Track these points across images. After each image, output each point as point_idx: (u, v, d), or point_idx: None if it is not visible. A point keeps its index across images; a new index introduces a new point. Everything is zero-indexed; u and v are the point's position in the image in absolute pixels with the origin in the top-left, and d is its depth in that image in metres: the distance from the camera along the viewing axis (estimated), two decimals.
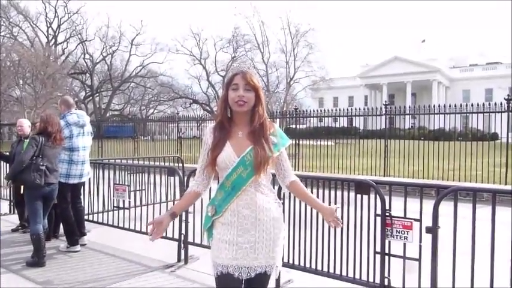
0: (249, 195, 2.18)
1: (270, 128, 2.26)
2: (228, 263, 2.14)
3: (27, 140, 5.15)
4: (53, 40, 44.81)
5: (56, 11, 43.70)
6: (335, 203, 4.05)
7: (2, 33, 39.06)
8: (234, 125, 2.24)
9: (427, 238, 3.41)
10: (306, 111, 15.82)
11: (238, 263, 2.14)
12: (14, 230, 6.40)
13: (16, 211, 6.90)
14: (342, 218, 3.96)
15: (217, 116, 2.28)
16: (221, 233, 2.19)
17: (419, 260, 3.50)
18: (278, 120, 19.49)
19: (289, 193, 4.29)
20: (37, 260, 4.76)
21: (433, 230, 3.37)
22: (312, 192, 4.23)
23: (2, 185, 8.23)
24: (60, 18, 44.19)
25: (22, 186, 4.92)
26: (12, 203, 7.58)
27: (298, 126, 16.55)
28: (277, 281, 4.06)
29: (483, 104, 12.17)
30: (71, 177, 5.39)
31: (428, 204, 3.48)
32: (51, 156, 4.90)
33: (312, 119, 15.59)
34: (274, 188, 2.46)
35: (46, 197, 4.93)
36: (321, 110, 15.48)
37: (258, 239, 2.16)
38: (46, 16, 43.70)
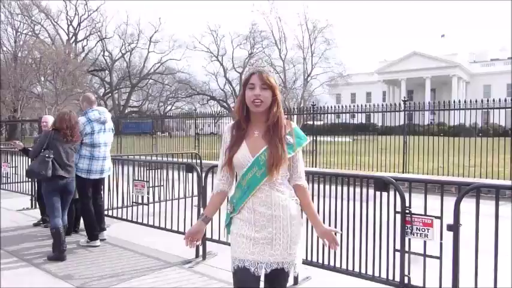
0: (264, 193, 2.19)
1: (287, 127, 2.25)
2: (245, 257, 2.16)
3: None
4: (73, 38, 45.41)
5: (76, 9, 44.30)
6: (353, 200, 4.02)
7: (25, 31, 39.73)
8: (251, 125, 2.26)
9: (448, 236, 3.36)
10: (324, 107, 15.72)
11: (254, 258, 2.15)
12: (35, 225, 6.53)
13: (38, 206, 7.04)
14: (361, 215, 3.92)
15: (235, 115, 2.30)
16: (239, 228, 2.22)
17: (440, 258, 3.45)
18: (295, 116, 19.43)
19: (308, 189, 4.30)
20: (57, 254, 4.84)
21: (454, 228, 3.31)
22: (330, 188, 4.22)
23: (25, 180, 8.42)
24: (81, 16, 44.78)
25: None
26: (34, 198, 7.73)
27: (315, 122, 16.46)
28: (296, 277, 4.05)
29: (505, 100, 11.92)
30: (92, 172, 5.46)
31: (449, 202, 3.42)
32: (61, 151, 4.98)
33: (329, 115, 15.47)
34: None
35: (62, 191, 5.03)
36: (338, 106, 15.36)
37: (275, 235, 2.17)
38: (67, 14, 44.32)
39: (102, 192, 5.90)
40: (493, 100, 11.98)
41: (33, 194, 7.75)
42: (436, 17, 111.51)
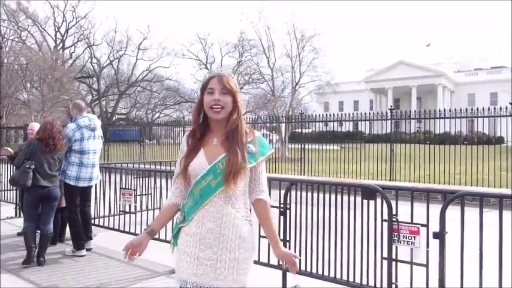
0: (216, 208, 1.98)
1: (249, 135, 2.07)
2: (188, 278, 1.96)
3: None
4: (61, 44, 45.01)
5: (64, 16, 43.92)
6: (341, 208, 4.04)
7: (11, 37, 39.32)
8: (209, 132, 2.08)
9: (435, 243, 3.39)
10: (312, 115, 15.81)
11: (197, 281, 1.94)
12: (20, 234, 6.41)
13: (22, 214, 6.93)
14: (349, 223, 3.94)
15: (192, 123, 2.13)
16: (184, 244, 2.01)
17: (426, 265, 3.48)
18: (284, 124, 19.48)
19: (296, 197, 4.32)
20: (26, 258, 4.92)
21: (440, 235, 3.35)
22: (318, 197, 4.23)
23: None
24: (68, 23, 44.41)
25: None
26: (18, 206, 7.62)
27: (303, 130, 16.53)
28: (284, 286, 4.05)
29: (488, 108, 12.14)
30: (80, 180, 5.41)
31: (435, 209, 3.46)
32: (43, 161, 4.99)
33: (317, 123, 15.56)
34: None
35: (45, 198, 5.05)
36: (326, 115, 15.46)
37: (220, 257, 1.94)
38: (54, 21, 43.92)
39: (90, 201, 5.84)
40: (477, 109, 12.17)
41: (17, 202, 7.64)
42: (421, 26, 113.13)
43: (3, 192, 8.93)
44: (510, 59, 44.08)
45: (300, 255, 4.19)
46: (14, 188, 7.72)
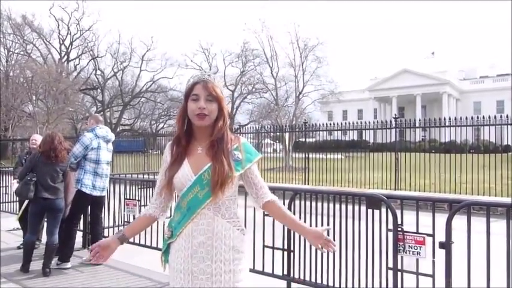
0: (205, 219, 1.91)
1: (235, 142, 2.00)
2: None
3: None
4: (66, 57, 45.42)
5: (68, 29, 44.40)
6: (346, 217, 4.02)
7: (16, 51, 39.75)
8: (194, 140, 2.00)
9: (441, 253, 3.36)
10: (315, 124, 15.82)
11: None
12: (19, 248, 6.29)
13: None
14: (353, 233, 3.91)
15: (176, 131, 2.04)
16: (175, 261, 1.94)
17: (433, 276, 3.44)
18: (287, 134, 19.48)
19: (300, 207, 4.29)
20: (22, 266, 5.08)
21: (446, 246, 3.31)
22: (322, 206, 4.21)
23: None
24: (73, 36, 44.86)
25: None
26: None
27: (307, 139, 16.52)
28: None
29: (494, 116, 12.07)
30: (95, 189, 5.46)
31: (441, 219, 3.43)
32: (44, 173, 5.05)
33: (321, 132, 15.57)
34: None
35: (48, 210, 5.11)
36: (330, 124, 15.46)
37: (215, 270, 1.89)
38: (59, 33, 44.38)
39: (102, 211, 5.88)
40: (483, 117, 12.13)
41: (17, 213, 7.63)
42: (425, 35, 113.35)
43: (9, 203, 8.95)
44: None
45: (305, 266, 4.18)
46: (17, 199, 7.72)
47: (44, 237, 5.63)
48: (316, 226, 4.12)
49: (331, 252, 2.11)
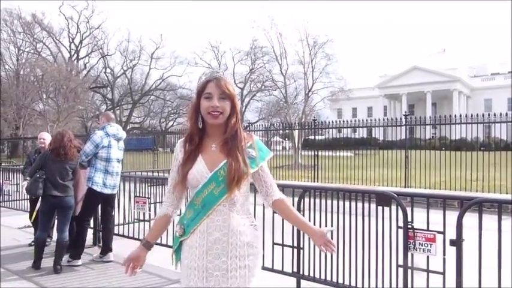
0: (221, 216, 1.92)
1: (248, 139, 2.01)
2: None
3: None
4: (75, 55, 45.72)
5: (78, 27, 44.68)
6: (355, 215, 4.01)
7: (27, 49, 40.10)
8: (206, 137, 2.00)
9: (451, 251, 3.33)
10: (325, 122, 15.76)
11: None
12: (31, 245, 6.33)
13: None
14: (363, 230, 3.90)
15: (188, 128, 2.03)
16: (189, 258, 1.93)
17: (443, 273, 3.42)
18: (297, 131, 19.44)
19: (309, 204, 4.29)
20: (34, 263, 5.14)
21: (457, 243, 3.29)
22: (332, 203, 4.20)
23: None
24: (82, 34, 45.16)
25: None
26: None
27: (316, 137, 16.48)
28: None
29: (506, 114, 11.94)
30: (106, 187, 5.47)
31: (452, 216, 3.41)
32: (54, 170, 5.08)
33: (330, 130, 15.51)
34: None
35: (58, 207, 5.14)
36: (339, 121, 15.39)
37: (231, 266, 1.89)
38: (69, 32, 44.70)
39: (113, 209, 5.91)
40: (494, 114, 12.00)
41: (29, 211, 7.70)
42: (436, 31, 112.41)
43: (20, 201, 9.04)
44: None
45: (314, 263, 4.18)
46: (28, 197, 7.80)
47: (55, 235, 5.68)
48: (326, 224, 4.12)
49: (329, 253, 2.12)
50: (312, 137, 16.46)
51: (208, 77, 1.95)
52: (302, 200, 4.30)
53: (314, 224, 4.21)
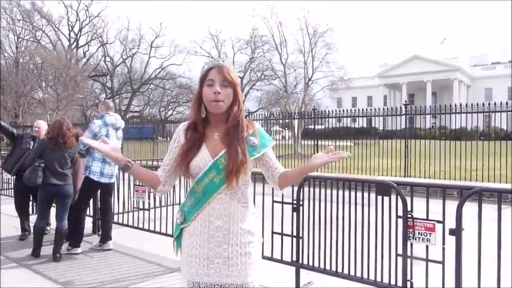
0: (222, 204, 1.92)
1: (250, 128, 2.00)
2: (199, 279, 1.91)
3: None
4: (75, 43, 45.46)
5: (77, 15, 44.34)
6: (355, 204, 4.00)
7: (26, 37, 39.86)
8: (209, 126, 1.99)
9: (451, 240, 3.33)
10: (325, 111, 15.73)
11: (210, 280, 1.90)
12: (21, 239, 6.15)
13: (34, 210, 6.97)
14: (363, 220, 3.90)
15: (190, 115, 2.03)
16: (190, 245, 1.94)
17: (442, 262, 3.43)
18: (296, 121, 19.41)
19: (309, 194, 4.28)
20: (33, 250, 5.18)
21: (456, 232, 3.29)
22: (331, 193, 4.19)
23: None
24: (82, 22, 44.84)
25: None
26: (34, 204, 7.67)
27: (316, 126, 16.46)
28: (297, 282, 4.03)
29: (506, 103, 11.91)
30: (103, 175, 5.47)
31: (451, 206, 3.40)
32: (52, 158, 5.08)
33: (330, 119, 15.47)
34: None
35: (56, 195, 5.15)
36: (339, 111, 15.36)
37: (232, 253, 1.90)
38: (68, 20, 44.37)
39: (112, 198, 5.91)
40: (495, 103, 11.97)
41: (32, 200, 7.70)
42: (436, 21, 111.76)
43: None
44: None
45: (313, 252, 4.18)
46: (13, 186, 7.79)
47: (53, 223, 5.69)
48: (326, 214, 4.12)
49: (345, 158, 1.97)
50: (312, 127, 16.42)
51: (210, 65, 1.96)
52: (302, 189, 4.29)
53: (313, 215, 4.24)
